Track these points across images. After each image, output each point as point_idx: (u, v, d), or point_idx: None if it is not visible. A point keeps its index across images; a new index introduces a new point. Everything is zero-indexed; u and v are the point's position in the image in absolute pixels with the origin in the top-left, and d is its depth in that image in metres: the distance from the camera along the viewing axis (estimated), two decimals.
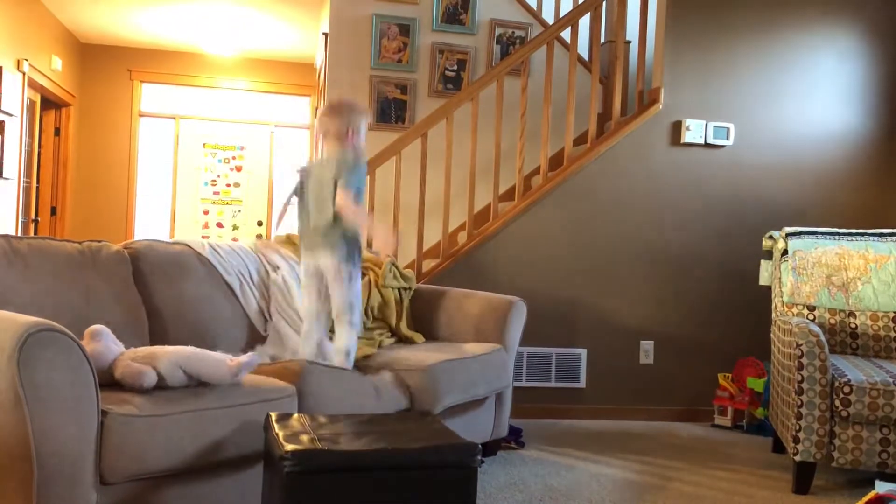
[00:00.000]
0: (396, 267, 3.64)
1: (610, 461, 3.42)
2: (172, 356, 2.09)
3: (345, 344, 2.79)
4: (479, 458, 1.98)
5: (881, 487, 2.81)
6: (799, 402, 3.01)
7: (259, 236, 7.67)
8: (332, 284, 2.79)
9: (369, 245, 4.08)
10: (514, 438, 3.65)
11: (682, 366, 4.37)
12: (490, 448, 3.43)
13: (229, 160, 7.68)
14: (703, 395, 4.34)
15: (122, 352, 2.13)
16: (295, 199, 2.93)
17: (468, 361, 3.09)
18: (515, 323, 3.45)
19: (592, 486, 3.05)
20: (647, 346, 4.35)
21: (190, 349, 2.13)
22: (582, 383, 4.28)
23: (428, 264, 4.34)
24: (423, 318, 3.65)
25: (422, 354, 3.05)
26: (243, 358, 2.15)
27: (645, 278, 4.35)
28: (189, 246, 2.96)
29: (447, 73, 4.99)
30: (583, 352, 4.29)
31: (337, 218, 2.76)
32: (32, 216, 6.63)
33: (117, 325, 2.42)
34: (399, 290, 3.63)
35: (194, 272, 2.89)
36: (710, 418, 4.29)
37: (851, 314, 3.54)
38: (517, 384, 4.17)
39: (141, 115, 7.52)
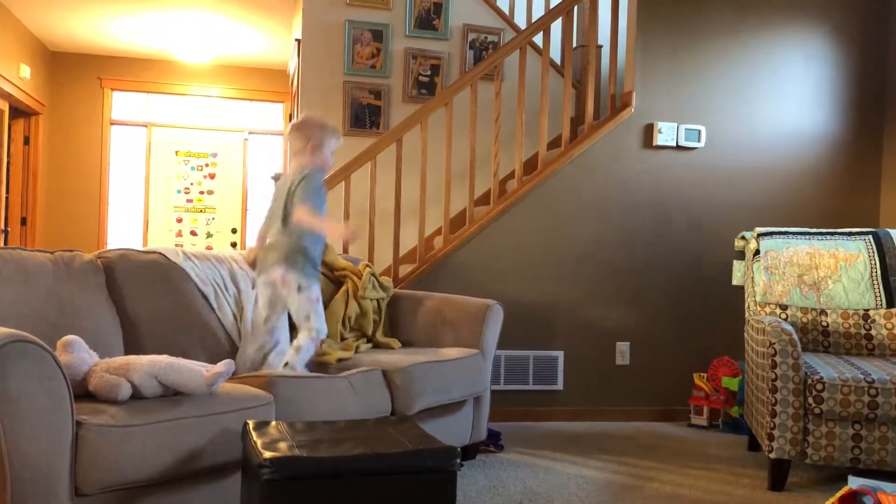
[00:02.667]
0: (375, 276, 3.63)
1: (588, 462, 3.44)
2: (147, 367, 2.07)
3: (300, 342, 2.85)
4: (458, 461, 1.98)
5: (854, 483, 2.85)
6: (773, 400, 3.04)
7: (234, 244, 7.62)
8: (286, 296, 2.88)
9: (345, 251, 4.07)
10: (494, 442, 3.65)
11: (657, 366, 4.41)
12: (469, 452, 3.44)
13: (202, 167, 7.63)
14: (679, 395, 4.38)
15: (96, 362, 2.11)
16: None
17: (444, 364, 3.10)
18: (492, 326, 3.46)
19: (571, 487, 3.07)
20: (623, 347, 4.38)
21: (165, 359, 2.11)
22: (559, 385, 4.30)
23: (405, 269, 4.34)
24: (401, 324, 3.65)
25: (398, 357, 3.06)
26: (218, 367, 2.14)
27: (620, 280, 4.38)
28: (163, 254, 2.94)
29: (421, 78, 4.99)
30: (560, 354, 4.31)
31: (286, 230, 2.86)
32: (2, 227, 6.54)
33: (91, 336, 2.40)
34: (377, 300, 3.62)
35: (168, 281, 2.86)
36: (687, 418, 4.33)
37: (823, 312, 3.59)
38: (495, 387, 4.18)
39: (112, 124, 7.45)
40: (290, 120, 5.80)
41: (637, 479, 3.22)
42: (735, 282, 3.92)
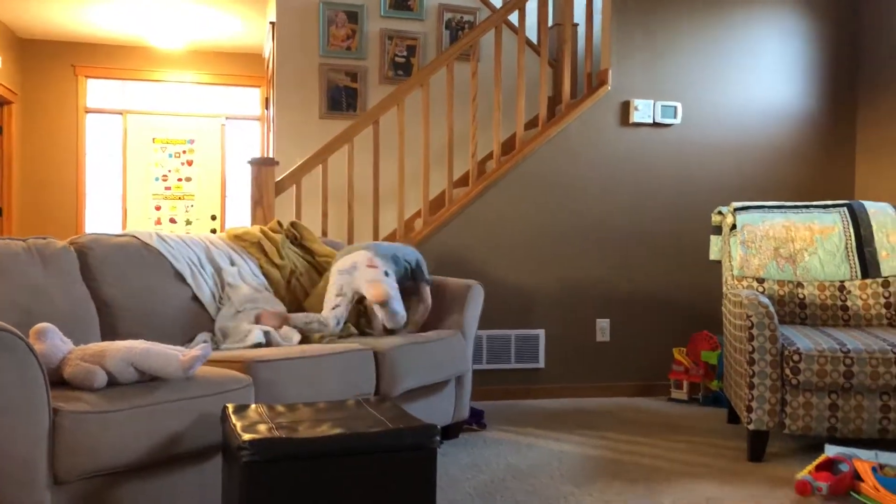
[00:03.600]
0: None
1: (570, 438, 3.47)
2: (123, 353, 2.06)
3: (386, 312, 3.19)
4: (438, 439, 1.99)
5: (830, 451, 2.90)
6: (751, 373, 3.08)
7: (213, 231, 7.58)
8: (364, 276, 3.21)
9: (324, 234, 4.05)
10: (476, 420, 3.67)
11: (637, 342, 4.44)
12: (452, 431, 3.45)
13: (180, 154, 7.57)
14: (659, 370, 4.42)
15: (71, 350, 2.09)
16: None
17: (426, 346, 3.11)
18: (473, 306, 3.47)
19: (553, 463, 3.09)
20: (604, 324, 4.40)
21: (140, 344, 2.10)
22: (541, 363, 4.32)
23: None
24: None
25: (380, 339, 3.06)
26: (195, 351, 2.13)
27: (599, 258, 4.40)
28: (136, 237, 2.92)
29: (397, 59, 4.97)
30: (541, 332, 4.33)
31: None
32: None
33: (66, 322, 2.39)
34: None
35: (143, 263, 2.85)
36: (667, 392, 4.37)
37: (799, 285, 3.62)
38: (477, 367, 4.20)
39: (87, 111, 7.36)
40: (266, 105, 5.75)
41: (618, 453, 3.25)
42: (712, 257, 3.94)
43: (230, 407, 2.08)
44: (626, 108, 4.42)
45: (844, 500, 2.69)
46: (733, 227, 3.77)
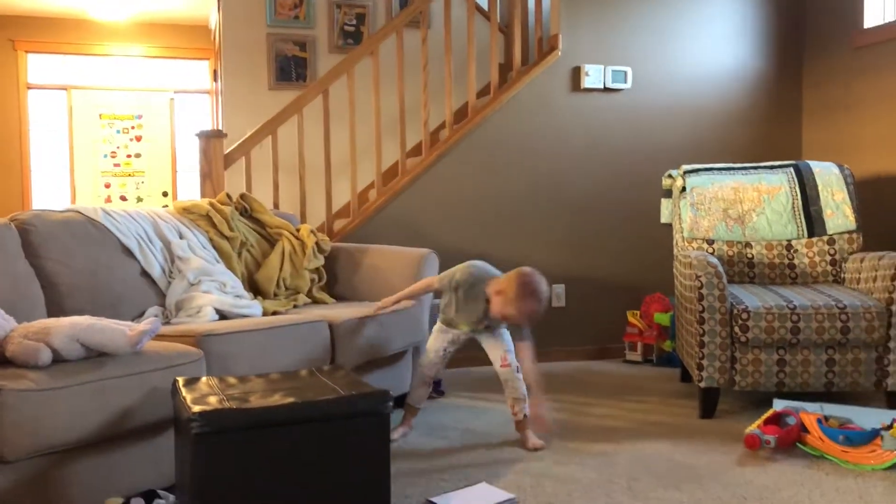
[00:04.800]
0: (318, 244, 3.57)
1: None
2: (67, 329, 2.02)
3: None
4: (391, 404, 2.00)
5: (778, 405, 2.98)
6: (701, 332, 3.13)
7: (165, 206, 7.44)
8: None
9: (275, 206, 4.00)
10: (435, 388, 3.69)
11: (592, 306, 4.49)
12: None
13: (128, 130, 7.40)
14: (614, 333, 4.48)
15: (14, 328, 2.05)
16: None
17: (382, 317, 3.10)
18: (428, 275, 3.46)
19: (510, 426, 3.12)
20: (559, 289, 4.44)
21: (86, 320, 2.07)
22: None
23: (340, 224, 4.30)
24: (338, 278, 3.64)
25: (335, 311, 3.05)
26: (143, 325, 2.10)
27: (553, 224, 4.42)
28: (80, 212, 2.85)
29: (346, 27, 4.90)
30: None
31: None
32: None
33: (9, 301, 2.34)
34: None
35: (88, 239, 2.79)
36: (622, 355, 4.44)
37: (748, 245, 3.69)
38: None
39: (29, 88, 7.14)
40: (215, 78, 5.64)
41: (575, 414, 3.30)
42: (663, 220, 3.99)
43: (180, 380, 2.06)
44: (576, 73, 4.42)
45: (791, 451, 2.77)
46: (683, 189, 3.82)
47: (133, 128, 7.42)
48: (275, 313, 3.09)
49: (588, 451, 2.81)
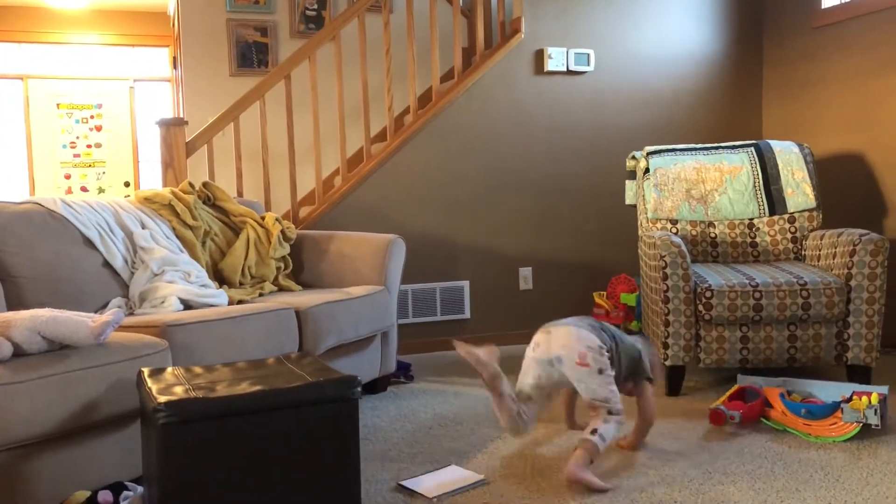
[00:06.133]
0: (283, 232, 3.54)
1: None
2: (28, 322, 1.99)
3: (602, 430, 2.38)
4: (359, 389, 2.00)
5: (742, 381, 3.03)
6: (666, 311, 3.17)
7: (127, 196, 7.34)
8: (577, 374, 2.47)
9: (239, 194, 3.97)
10: (404, 373, 3.70)
11: (559, 288, 4.52)
12: (380, 385, 3.47)
13: (87, 120, 7.27)
14: (581, 313, 4.49)
15: None
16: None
17: (350, 302, 3.10)
18: (395, 261, 3.47)
19: (479, 409, 3.15)
20: (526, 272, 4.46)
21: (46, 312, 2.03)
22: (466, 314, 4.37)
23: (305, 211, 4.28)
24: (305, 266, 3.62)
25: (303, 298, 3.04)
26: (106, 317, 2.07)
27: (519, 207, 4.44)
28: (39, 204, 2.80)
29: (308, 12, 4.85)
30: (465, 284, 4.36)
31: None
32: None
33: None
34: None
35: (47, 230, 2.74)
36: None
37: (711, 224, 3.74)
38: (404, 321, 4.21)
39: None
40: (175, 65, 5.56)
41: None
42: (628, 201, 4.02)
43: (146, 371, 2.04)
44: (539, 56, 4.43)
45: (755, 425, 2.82)
46: (646, 171, 3.85)
47: (92, 117, 7.29)
48: (240, 302, 3.07)
49: (556, 431, 2.84)
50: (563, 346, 2.46)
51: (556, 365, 2.46)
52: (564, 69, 4.45)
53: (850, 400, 2.71)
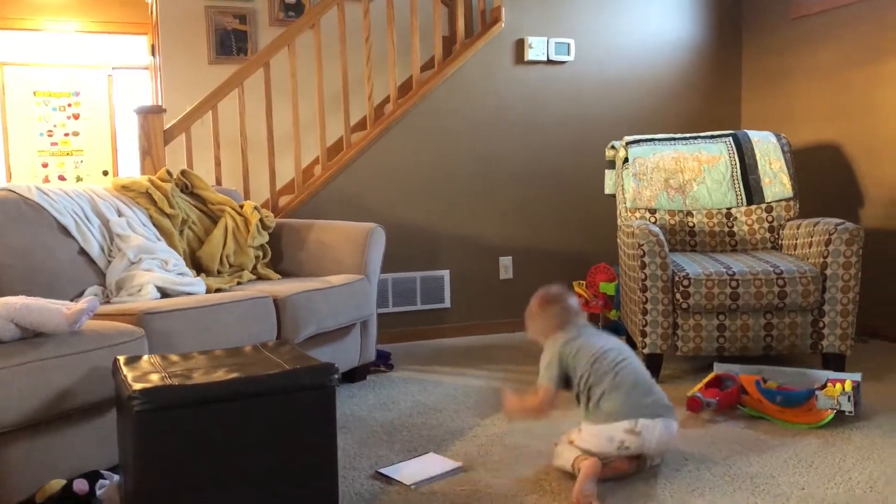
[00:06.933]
0: (262, 221, 3.52)
1: (475, 374, 3.54)
2: (0, 310, 1.97)
3: None
4: (337, 377, 2.00)
5: (719, 368, 3.06)
6: (644, 299, 3.19)
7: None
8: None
9: (218, 182, 3.94)
10: (383, 362, 3.70)
11: (539, 278, 4.53)
12: (359, 373, 3.47)
13: (65, 108, 7.19)
14: None
15: None
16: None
17: (328, 291, 3.09)
18: (375, 250, 3.46)
19: (458, 397, 3.16)
20: (507, 261, 4.47)
21: (20, 300, 2.01)
22: (447, 304, 4.37)
23: (284, 200, 4.26)
24: (284, 255, 3.61)
25: (281, 286, 3.03)
26: (81, 304, 2.06)
27: (500, 196, 4.44)
28: (13, 191, 2.77)
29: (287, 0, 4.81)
30: (446, 273, 4.36)
31: None
32: None
33: None
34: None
35: (22, 218, 2.71)
36: None
37: (689, 213, 3.76)
38: (384, 310, 4.21)
39: None
40: (153, 53, 5.50)
41: (520, 384, 3.34)
42: (607, 191, 4.04)
43: (121, 358, 2.03)
44: (520, 45, 4.43)
45: (731, 412, 2.85)
46: (626, 160, 3.87)
47: (70, 105, 7.21)
48: (218, 290, 3.06)
49: (534, 420, 2.85)
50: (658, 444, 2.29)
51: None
52: (545, 59, 4.45)
53: (823, 387, 2.75)
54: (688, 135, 3.96)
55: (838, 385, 2.71)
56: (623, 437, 2.23)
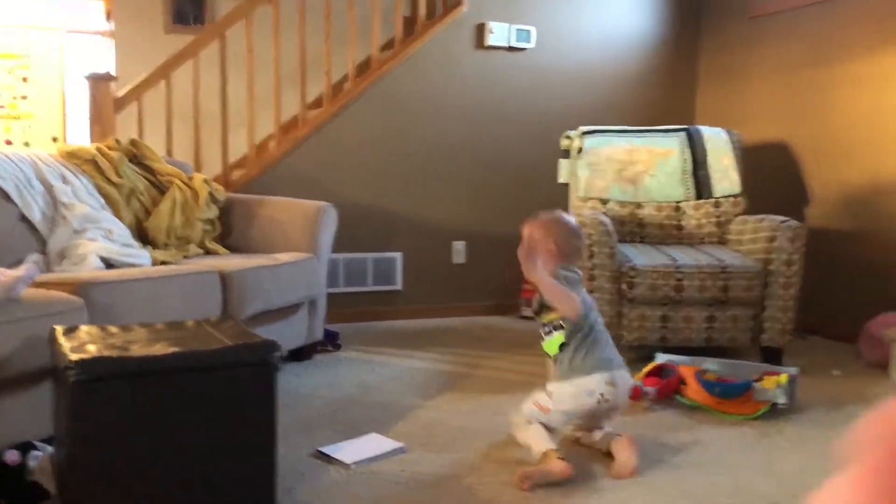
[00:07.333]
0: (211, 194, 3.46)
1: (423, 356, 3.55)
2: None
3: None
4: (278, 354, 1.99)
5: (660, 358, 3.11)
6: (591, 288, 3.23)
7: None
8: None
9: (169, 154, 3.87)
10: (331, 342, 3.69)
11: (491, 263, 4.55)
12: (306, 352, 3.46)
13: (13, 70, 6.98)
14: (511, 289, 4.56)
15: None
16: None
17: (276, 269, 3.07)
18: (326, 229, 3.45)
19: (405, 378, 3.17)
20: (460, 246, 4.49)
21: None
22: (398, 286, 4.37)
23: (238, 175, 4.20)
24: (234, 230, 3.57)
25: (228, 262, 3.00)
26: (19, 271, 2.01)
27: (455, 180, 4.45)
28: None
29: None
30: (398, 255, 4.36)
31: None
32: None
33: None
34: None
35: None
36: (518, 311, 4.53)
37: (639, 205, 3.81)
38: (335, 290, 4.19)
39: None
40: (108, 17, 5.38)
41: (468, 367, 3.36)
42: (561, 180, 4.07)
43: (59, 328, 1.99)
44: (481, 30, 4.42)
45: (670, 402, 2.90)
46: (580, 150, 3.90)
47: (19, 68, 7.00)
48: (164, 263, 3.01)
49: (478, 402, 2.88)
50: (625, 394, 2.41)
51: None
52: (506, 45, 4.45)
53: (760, 379, 2.81)
54: (642, 128, 4.01)
55: (774, 378, 2.78)
56: (603, 390, 2.31)
